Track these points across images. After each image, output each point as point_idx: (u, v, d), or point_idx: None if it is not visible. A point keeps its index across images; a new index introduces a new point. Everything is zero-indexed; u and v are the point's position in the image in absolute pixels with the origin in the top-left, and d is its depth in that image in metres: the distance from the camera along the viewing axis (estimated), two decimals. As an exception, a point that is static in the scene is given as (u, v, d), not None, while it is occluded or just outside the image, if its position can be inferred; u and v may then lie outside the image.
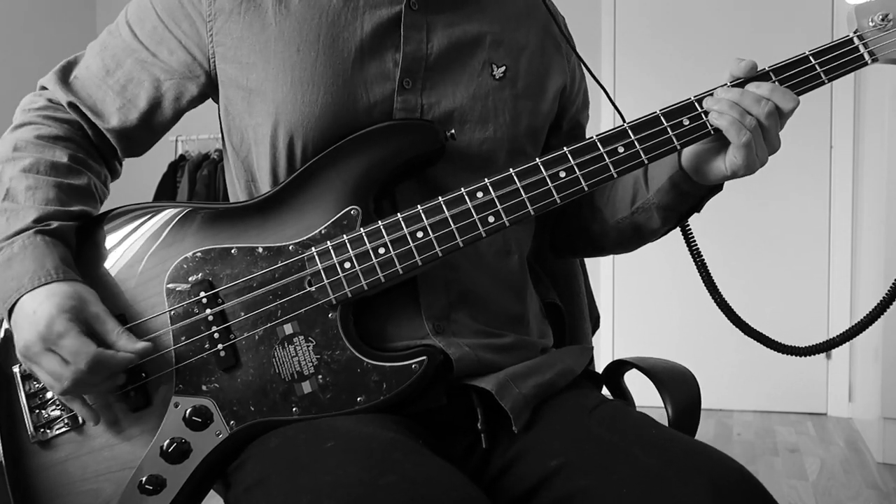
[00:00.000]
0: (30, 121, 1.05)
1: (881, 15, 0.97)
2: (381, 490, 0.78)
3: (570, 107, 1.18)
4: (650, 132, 0.97)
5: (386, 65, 1.02)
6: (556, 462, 0.92)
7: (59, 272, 0.93)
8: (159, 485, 0.94)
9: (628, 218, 1.12)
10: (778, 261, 3.77)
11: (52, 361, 0.90)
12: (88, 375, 0.90)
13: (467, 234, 0.96)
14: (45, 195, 0.98)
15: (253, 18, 1.01)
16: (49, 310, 0.90)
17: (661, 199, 1.07)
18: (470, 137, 1.04)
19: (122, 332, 0.93)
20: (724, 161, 0.97)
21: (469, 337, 1.02)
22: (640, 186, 1.09)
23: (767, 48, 3.64)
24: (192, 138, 4.03)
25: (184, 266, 0.97)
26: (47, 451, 0.97)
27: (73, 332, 0.90)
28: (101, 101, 1.05)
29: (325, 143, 1.00)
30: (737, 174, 0.97)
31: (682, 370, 1.17)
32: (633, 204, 1.11)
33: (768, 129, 0.95)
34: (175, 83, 1.04)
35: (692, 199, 1.05)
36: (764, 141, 0.96)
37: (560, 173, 0.96)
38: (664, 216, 1.08)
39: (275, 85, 1.00)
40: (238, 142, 1.06)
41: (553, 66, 1.13)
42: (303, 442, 0.89)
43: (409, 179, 1.01)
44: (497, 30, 1.08)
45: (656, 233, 1.12)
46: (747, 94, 0.95)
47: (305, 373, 0.95)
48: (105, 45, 1.07)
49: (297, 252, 0.96)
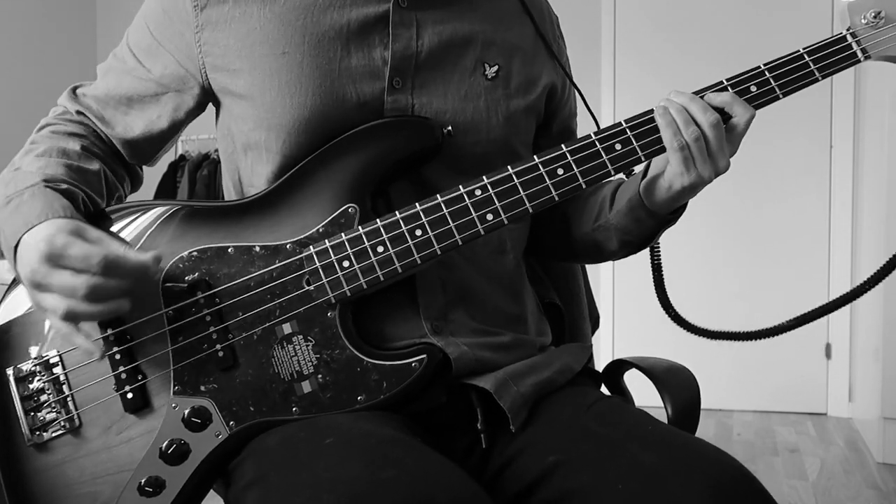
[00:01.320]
0: (48, 123, 1.10)
1: (873, 12, 0.98)
2: (381, 485, 0.77)
3: (561, 109, 1.17)
4: (646, 129, 0.97)
5: (374, 63, 1.01)
6: (555, 458, 0.92)
7: (68, 211, 0.93)
8: (159, 486, 0.93)
9: (590, 234, 1.12)
10: (778, 260, 3.76)
11: (63, 276, 0.87)
12: (104, 279, 0.87)
13: (466, 233, 0.96)
14: (55, 171, 0.99)
15: (239, 25, 1.02)
16: (47, 230, 0.89)
17: (618, 221, 1.06)
18: (463, 139, 1.03)
19: (129, 247, 0.91)
20: (664, 174, 0.97)
21: (467, 336, 1.02)
22: (605, 206, 1.09)
23: (767, 47, 3.63)
24: (192, 138, 4.04)
25: (180, 265, 0.97)
26: (43, 453, 0.96)
27: (77, 240, 0.88)
28: (107, 114, 1.09)
29: (317, 144, 1.00)
30: (672, 186, 0.96)
31: (681, 370, 1.16)
32: (596, 221, 1.11)
33: (710, 141, 0.94)
34: (171, 96, 1.07)
35: (646, 229, 1.04)
36: (707, 154, 0.94)
37: (558, 171, 0.96)
38: (620, 240, 1.08)
39: (262, 89, 1.00)
40: (234, 146, 1.06)
41: (545, 67, 1.13)
42: (302, 440, 0.89)
43: (403, 180, 1.01)
44: (489, 29, 1.08)
45: (615, 254, 1.12)
46: (697, 101, 0.95)
47: (305, 372, 0.95)
48: (110, 68, 1.11)
49: (294, 251, 0.96)
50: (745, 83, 0.97)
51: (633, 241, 1.08)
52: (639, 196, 1.02)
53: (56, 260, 0.88)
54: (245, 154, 1.05)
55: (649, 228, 1.04)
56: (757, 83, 0.97)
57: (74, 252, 0.87)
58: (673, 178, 0.96)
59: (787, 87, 0.97)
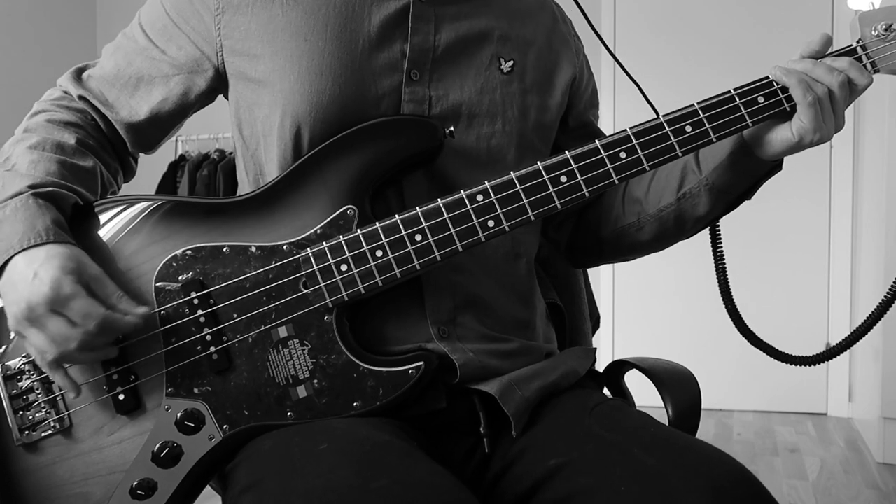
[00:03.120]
0: (44, 108, 1.07)
1: (884, 25, 0.97)
2: (372, 494, 0.77)
3: (578, 102, 1.17)
4: (652, 137, 0.96)
5: (394, 55, 1.01)
6: (556, 461, 0.92)
7: (50, 233, 0.92)
8: (150, 489, 0.92)
9: (673, 205, 1.09)
10: (778, 261, 3.76)
11: (59, 324, 0.88)
12: (96, 337, 0.89)
13: (467, 239, 0.94)
14: (47, 168, 0.98)
15: (260, 10, 1.02)
16: (53, 272, 0.88)
17: (716, 178, 1.04)
18: (478, 132, 1.03)
19: (122, 295, 0.91)
20: (791, 127, 0.96)
21: (474, 342, 1.01)
22: (691, 170, 1.07)
23: (767, 48, 3.63)
24: (192, 138, 4.03)
25: (173, 264, 0.95)
26: (33, 453, 0.95)
27: (81, 293, 0.89)
28: (112, 96, 1.07)
29: (333, 134, 0.99)
30: (803, 140, 0.96)
31: (682, 370, 1.16)
32: (680, 189, 1.08)
33: (838, 99, 0.95)
34: (183, 78, 1.05)
35: (749, 179, 1.04)
36: (833, 112, 0.95)
37: (561, 178, 0.95)
38: (713, 200, 1.06)
39: (282, 75, 1.00)
40: (248, 135, 1.05)
41: (562, 61, 1.13)
42: (296, 444, 0.88)
43: (414, 173, 1.00)
44: (504, 25, 1.08)
45: (699, 222, 1.10)
46: (821, 64, 0.96)
47: (300, 377, 0.93)
48: (119, 47, 1.09)
49: (291, 252, 0.95)
50: (753, 94, 0.96)
51: (726, 200, 1.06)
52: (745, 147, 1.01)
53: (57, 306, 0.88)
54: (258, 142, 1.04)
55: (752, 178, 1.04)
56: (765, 94, 0.96)
57: (77, 306, 0.88)
58: (804, 134, 0.96)
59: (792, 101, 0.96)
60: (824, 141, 0.96)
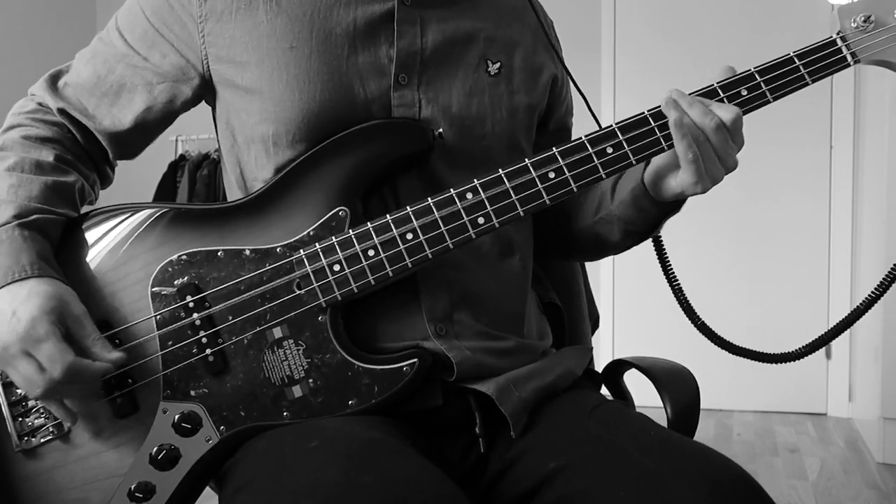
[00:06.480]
0: (18, 123, 1.05)
1: (863, 16, 0.98)
2: (358, 490, 0.77)
3: (559, 107, 1.17)
4: (638, 132, 0.96)
5: (380, 60, 1.01)
6: (555, 464, 0.92)
7: (35, 268, 0.92)
8: (149, 492, 0.92)
9: (591, 227, 1.12)
10: (778, 260, 3.75)
11: (29, 367, 0.89)
12: (61, 385, 0.89)
13: (457, 237, 0.95)
14: (29, 192, 0.97)
15: (244, 17, 1.01)
16: (31, 311, 0.89)
17: (621, 211, 1.06)
18: (469, 134, 1.04)
19: (99, 338, 0.92)
20: (675, 177, 0.97)
21: (471, 339, 1.01)
22: (606, 197, 1.09)
23: (765, 48, 3.61)
24: (192, 138, 4.03)
25: (169, 269, 0.96)
26: (32, 459, 0.95)
27: (53, 337, 0.89)
28: (92, 105, 1.05)
29: (323, 139, 0.99)
30: (685, 192, 0.97)
31: (681, 370, 1.16)
32: (597, 213, 1.10)
33: (716, 146, 0.93)
34: (168, 86, 1.04)
35: (650, 217, 1.04)
36: (716, 158, 0.94)
37: (549, 174, 0.96)
38: (623, 231, 1.08)
39: (270, 83, 0.99)
40: (231, 142, 1.05)
41: (545, 63, 1.13)
42: (289, 443, 0.88)
43: (409, 178, 1.00)
44: (490, 26, 1.08)
45: (617, 246, 1.12)
46: (697, 104, 0.94)
47: (296, 377, 0.94)
48: (96, 53, 1.07)
49: (284, 254, 0.95)
50: (736, 87, 0.97)
51: (637, 231, 1.07)
52: (643, 187, 1.01)
53: (27, 347, 0.89)
54: (248, 148, 1.03)
55: (654, 217, 1.04)
56: (748, 87, 0.97)
57: (45, 350, 0.88)
58: (686, 187, 0.96)
59: (777, 92, 0.97)
60: (707, 190, 0.95)
